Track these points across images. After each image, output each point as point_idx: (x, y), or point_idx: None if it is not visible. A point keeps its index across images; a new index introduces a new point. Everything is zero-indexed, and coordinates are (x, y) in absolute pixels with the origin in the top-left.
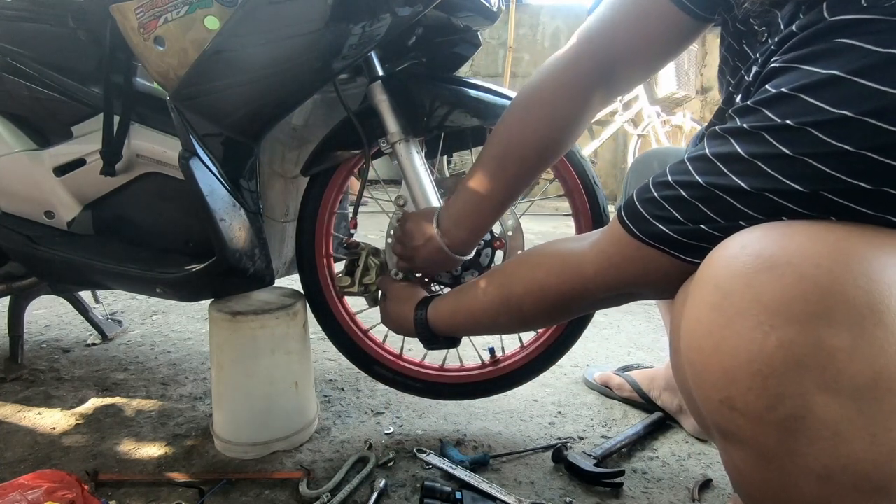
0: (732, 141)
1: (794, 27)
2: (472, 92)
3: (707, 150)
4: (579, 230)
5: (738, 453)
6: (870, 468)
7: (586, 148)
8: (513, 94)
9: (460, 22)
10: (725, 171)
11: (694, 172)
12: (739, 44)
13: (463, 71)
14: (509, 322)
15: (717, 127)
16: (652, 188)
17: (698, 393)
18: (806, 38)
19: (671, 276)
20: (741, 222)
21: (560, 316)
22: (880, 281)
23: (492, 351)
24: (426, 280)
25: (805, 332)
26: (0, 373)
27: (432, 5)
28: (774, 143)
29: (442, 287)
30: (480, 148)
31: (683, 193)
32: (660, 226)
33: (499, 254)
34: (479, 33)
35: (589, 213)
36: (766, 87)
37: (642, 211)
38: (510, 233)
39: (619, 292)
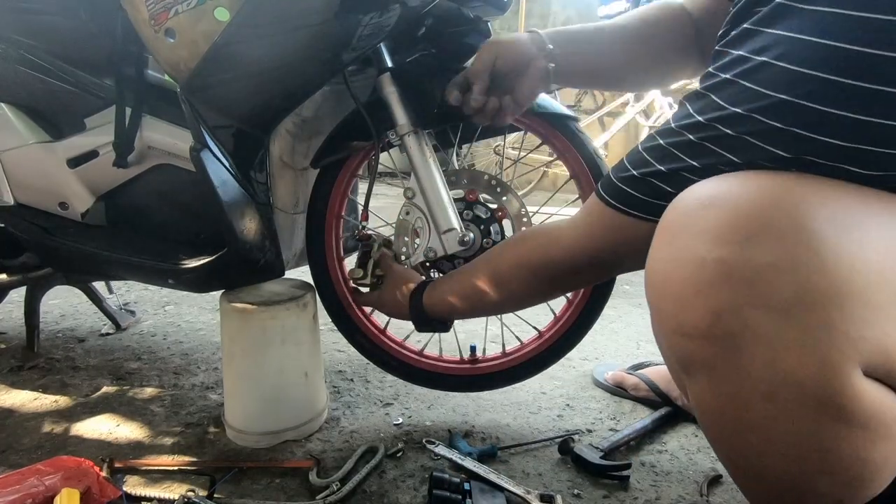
0: (688, 106)
1: None
2: None
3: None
4: None
5: (696, 385)
6: (807, 382)
7: (597, 139)
8: None
9: (470, 12)
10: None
11: (658, 136)
12: None
13: None
14: (500, 300)
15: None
16: (625, 160)
17: (660, 331)
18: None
19: (645, 242)
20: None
21: (548, 290)
22: (805, 207)
23: (472, 349)
24: (427, 265)
25: (735, 252)
26: (17, 361)
27: None
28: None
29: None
30: (489, 140)
31: (647, 156)
32: (625, 188)
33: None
34: (489, 23)
35: None
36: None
37: (614, 179)
38: (521, 210)
39: (600, 262)
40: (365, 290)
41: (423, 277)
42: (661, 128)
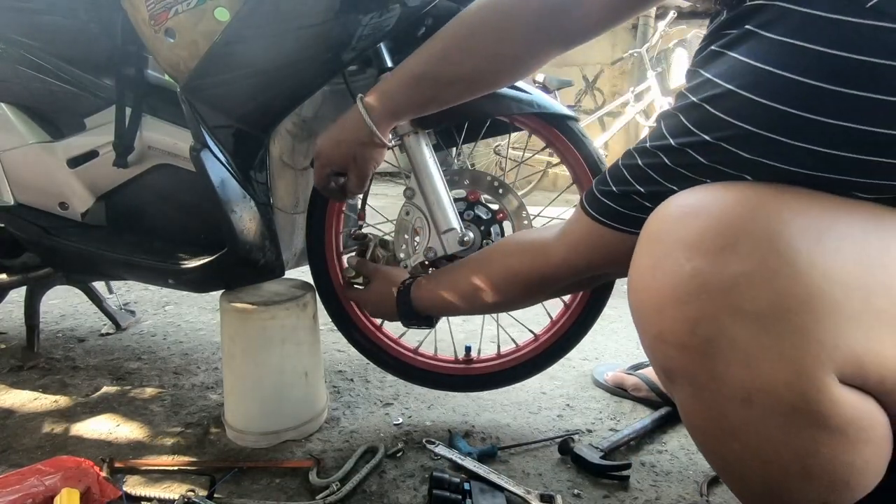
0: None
1: None
2: None
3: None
4: None
5: (679, 391)
6: (782, 389)
7: (597, 139)
8: (524, 86)
9: None
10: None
11: (636, 155)
12: None
13: None
14: (487, 305)
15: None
16: (606, 173)
17: (642, 338)
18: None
19: (628, 254)
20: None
21: (536, 297)
22: (779, 218)
23: (467, 350)
24: (426, 264)
25: (711, 262)
26: (17, 361)
27: None
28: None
29: None
30: (489, 140)
31: (627, 175)
32: (606, 201)
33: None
34: None
35: None
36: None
37: (596, 193)
38: (520, 212)
39: (587, 275)
40: (358, 287)
41: (408, 275)
42: (639, 145)
